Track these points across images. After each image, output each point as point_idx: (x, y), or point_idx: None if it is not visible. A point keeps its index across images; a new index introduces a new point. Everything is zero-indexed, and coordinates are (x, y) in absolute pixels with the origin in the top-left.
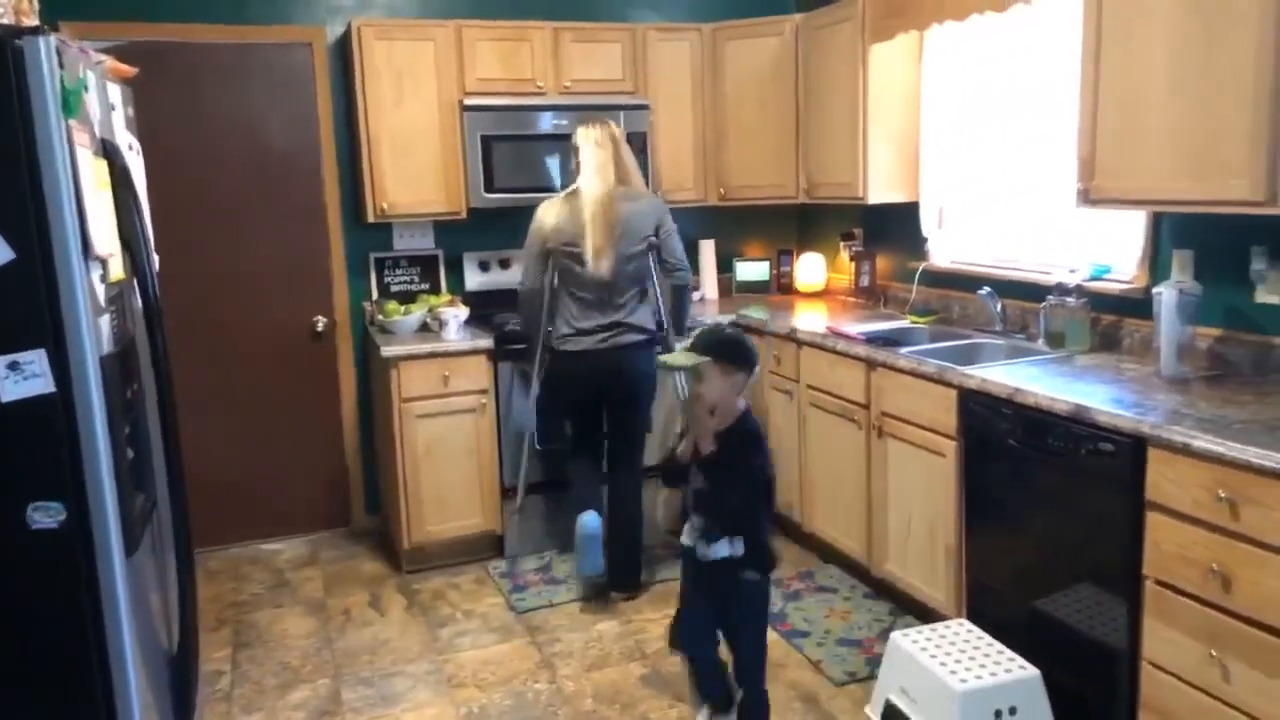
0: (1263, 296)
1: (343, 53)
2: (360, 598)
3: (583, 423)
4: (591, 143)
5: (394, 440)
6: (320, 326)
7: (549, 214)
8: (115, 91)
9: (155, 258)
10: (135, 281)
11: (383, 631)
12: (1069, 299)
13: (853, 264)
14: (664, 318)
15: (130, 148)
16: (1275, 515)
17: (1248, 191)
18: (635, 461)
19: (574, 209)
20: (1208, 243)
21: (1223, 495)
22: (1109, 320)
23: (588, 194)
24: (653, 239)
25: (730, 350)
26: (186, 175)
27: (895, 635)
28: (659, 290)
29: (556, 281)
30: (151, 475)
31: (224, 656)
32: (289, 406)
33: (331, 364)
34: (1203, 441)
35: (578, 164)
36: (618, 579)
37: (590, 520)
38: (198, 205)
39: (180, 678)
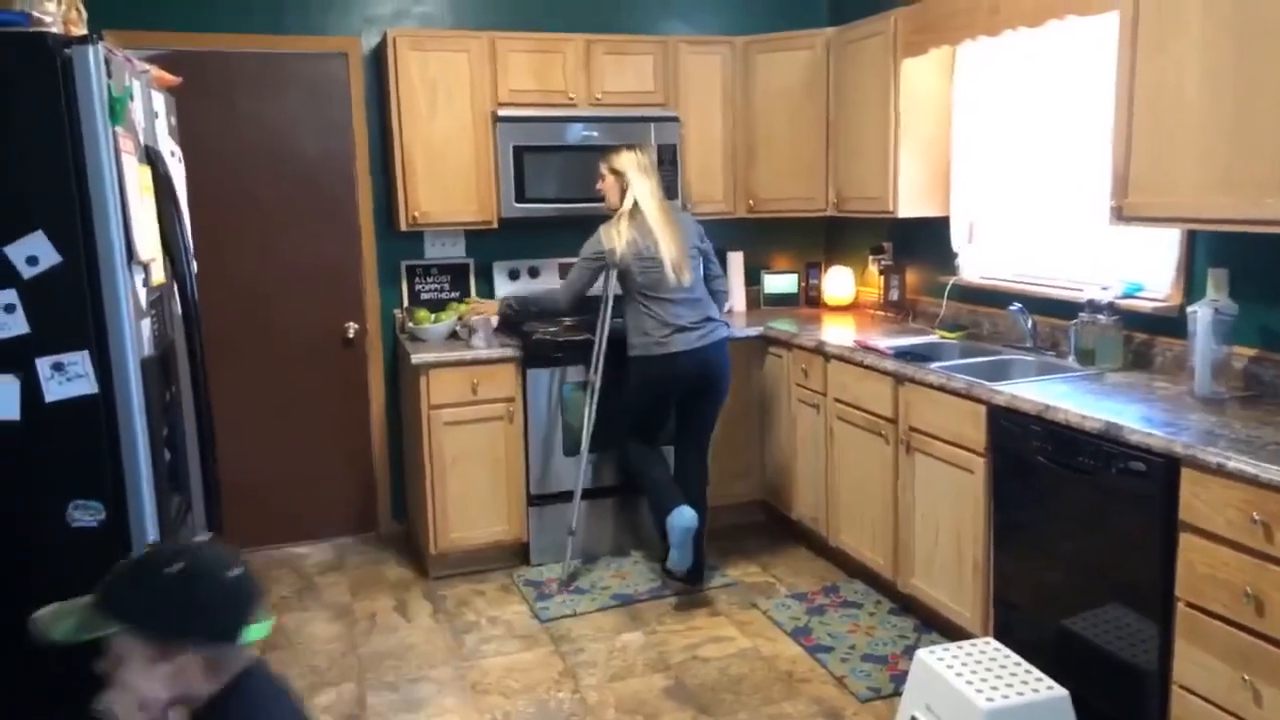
0: None
1: (377, 63)
2: (386, 603)
3: (660, 419)
4: (638, 166)
5: (422, 447)
6: (351, 333)
7: (617, 234)
8: (159, 99)
9: (194, 264)
10: (175, 286)
11: (408, 637)
12: (1101, 316)
13: (882, 278)
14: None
15: (172, 154)
16: None
17: None
18: (708, 455)
19: (641, 226)
20: (1244, 261)
21: (1257, 518)
22: (1141, 338)
23: (650, 211)
24: (700, 246)
25: (165, 610)
26: (223, 182)
27: (921, 653)
28: None
29: (627, 294)
30: (187, 476)
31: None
32: (319, 412)
33: (361, 370)
34: (1237, 463)
35: (625, 187)
36: (688, 573)
37: (690, 514)
38: (233, 211)
39: None
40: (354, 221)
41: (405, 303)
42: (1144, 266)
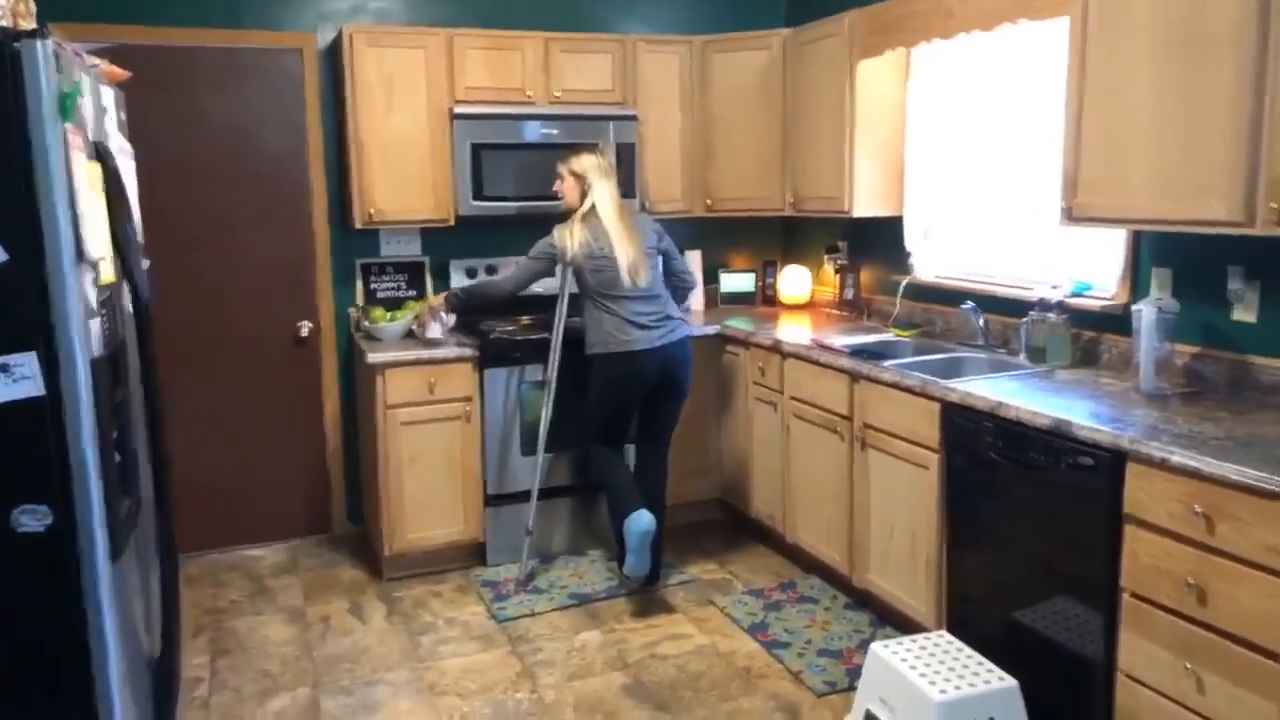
0: (1239, 315)
1: (333, 59)
2: (340, 605)
3: (622, 419)
4: (599, 170)
5: (378, 447)
6: (305, 332)
7: (570, 235)
8: (108, 94)
9: (145, 261)
10: (126, 285)
11: (363, 639)
12: (1050, 314)
13: (837, 276)
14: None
15: (122, 151)
16: (1250, 530)
17: (1225, 212)
18: (667, 454)
19: (596, 228)
20: (1186, 261)
21: (1199, 510)
22: (1089, 336)
23: (607, 214)
24: (659, 246)
25: None
26: (173, 178)
27: (875, 646)
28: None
29: (584, 293)
30: (137, 479)
31: (202, 664)
32: (272, 412)
33: (315, 370)
34: (1180, 457)
35: (586, 189)
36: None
37: (647, 518)
38: (183, 208)
39: (161, 683)
40: (308, 219)
41: (360, 301)
42: (1092, 266)
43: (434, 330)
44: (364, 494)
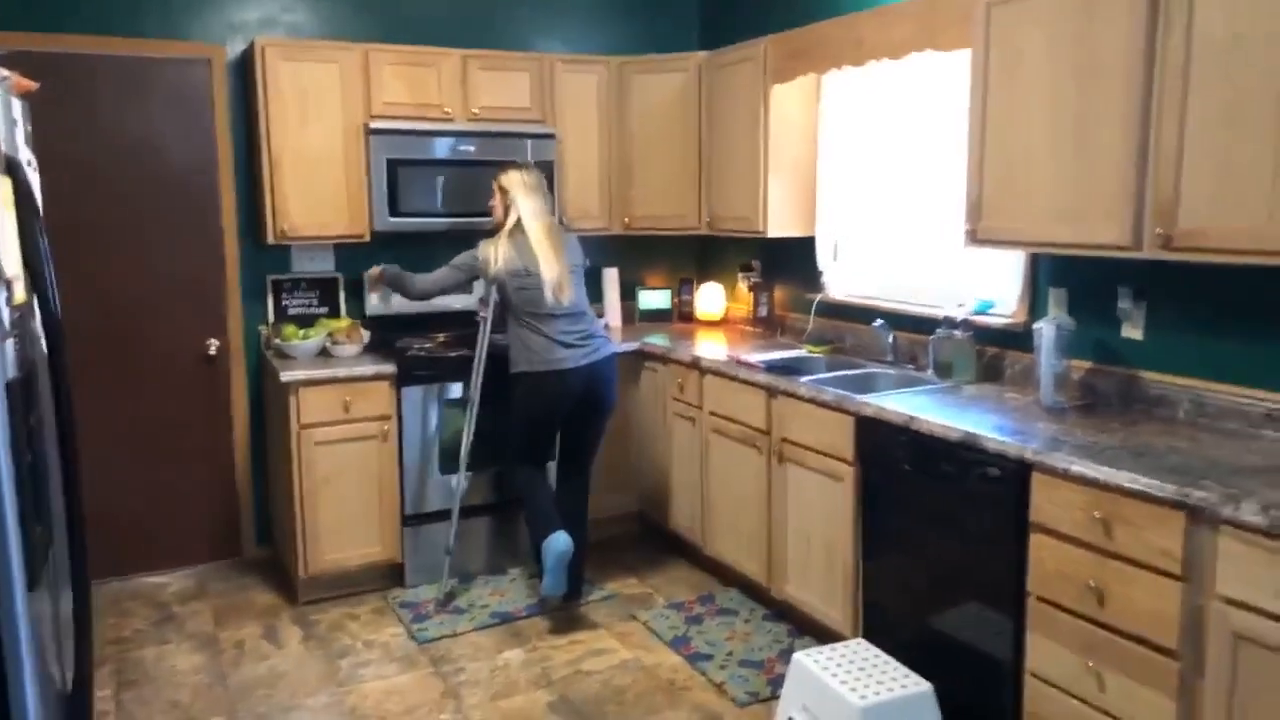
0: (1128, 332)
1: (244, 71)
2: (253, 630)
3: (546, 437)
4: (523, 186)
5: (291, 467)
6: (213, 350)
7: (494, 251)
8: (16, 106)
9: (55, 279)
10: (37, 304)
11: (279, 664)
12: (956, 332)
13: (751, 294)
14: None
15: (29, 164)
16: (1143, 534)
17: (1114, 236)
18: (590, 470)
19: (521, 245)
20: (1081, 282)
21: (1097, 516)
22: (993, 352)
23: (533, 231)
24: (586, 265)
25: None
26: (77, 190)
27: (798, 655)
28: None
29: (509, 311)
30: (49, 506)
31: (107, 696)
32: (177, 432)
33: (224, 389)
34: (1080, 467)
35: (509, 205)
36: (568, 587)
37: (565, 540)
38: (84, 222)
39: (74, 717)
40: (217, 234)
41: (272, 318)
42: (994, 285)
43: (372, 301)
44: (275, 516)
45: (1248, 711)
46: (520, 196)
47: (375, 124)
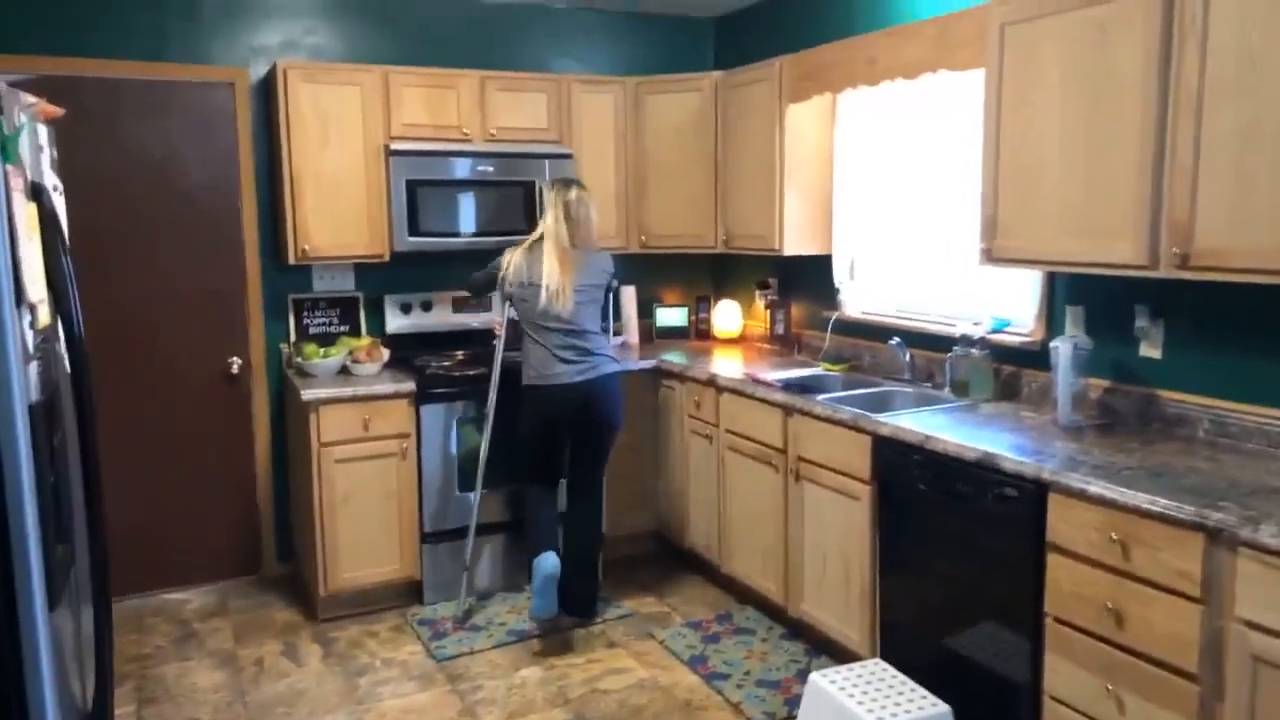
0: (1145, 351)
1: (266, 93)
2: (273, 647)
3: (551, 452)
4: (552, 202)
5: (312, 485)
6: (235, 368)
7: (511, 257)
8: (42, 132)
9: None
10: (61, 327)
11: (299, 682)
12: (973, 350)
13: (768, 312)
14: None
15: (55, 189)
16: (1161, 556)
17: (1130, 255)
18: (600, 488)
19: (534, 255)
20: (1097, 300)
21: (1115, 537)
22: (1009, 370)
23: (549, 244)
24: (609, 285)
25: None
26: (101, 212)
27: (814, 676)
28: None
29: (521, 323)
30: (72, 526)
31: (128, 713)
32: (200, 450)
33: (246, 407)
34: (1097, 488)
35: (541, 218)
36: (579, 607)
37: (553, 562)
38: (112, 243)
39: None
40: (239, 254)
41: (293, 337)
42: (1011, 303)
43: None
44: (296, 533)
45: None
46: (549, 210)
47: (395, 145)
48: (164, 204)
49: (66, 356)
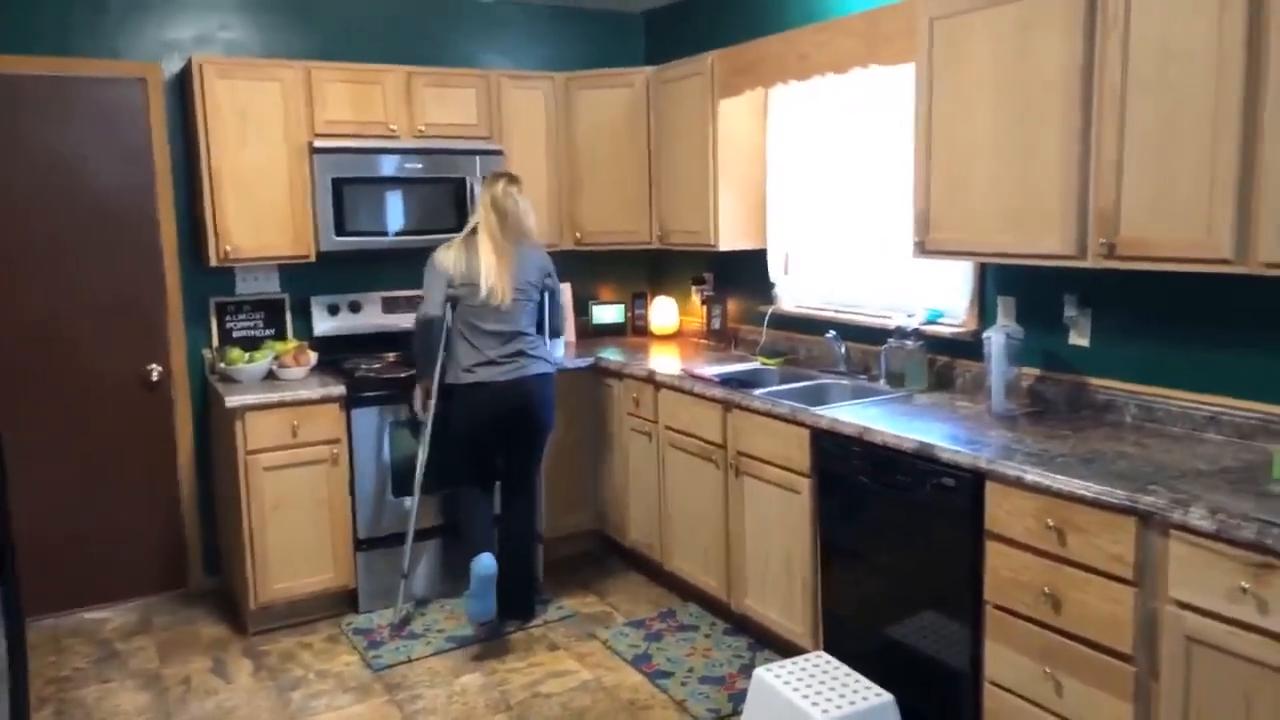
0: (1074, 340)
1: (181, 90)
2: (201, 665)
3: (481, 456)
4: (486, 194)
5: (239, 494)
6: (155, 376)
7: (447, 252)
8: None
9: None
10: None
11: (228, 700)
12: (907, 342)
13: (704, 307)
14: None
15: None
16: (1096, 541)
17: (1059, 246)
18: (534, 488)
19: (470, 249)
20: (1028, 290)
21: (1051, 524)
22: (943, 361)
23: (483, 238)
24: (542, 284)
25: None
26: (4, 213)
27: (759, 671)
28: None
29: (453, 319)
30: None
31: None
32: (118, 462)
33: (167, 415)
34: (1033, 475)
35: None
36: (516, 609)
37: (488, 563)
38: (17, 246)
39: None
40: (156, 257)
41: (215, 342)
42: (944, 295)
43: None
44: (223, 544)
45: (1202, 713)
46: (482, 203)
47: (319, 143)
48: (73, 207)
49: None
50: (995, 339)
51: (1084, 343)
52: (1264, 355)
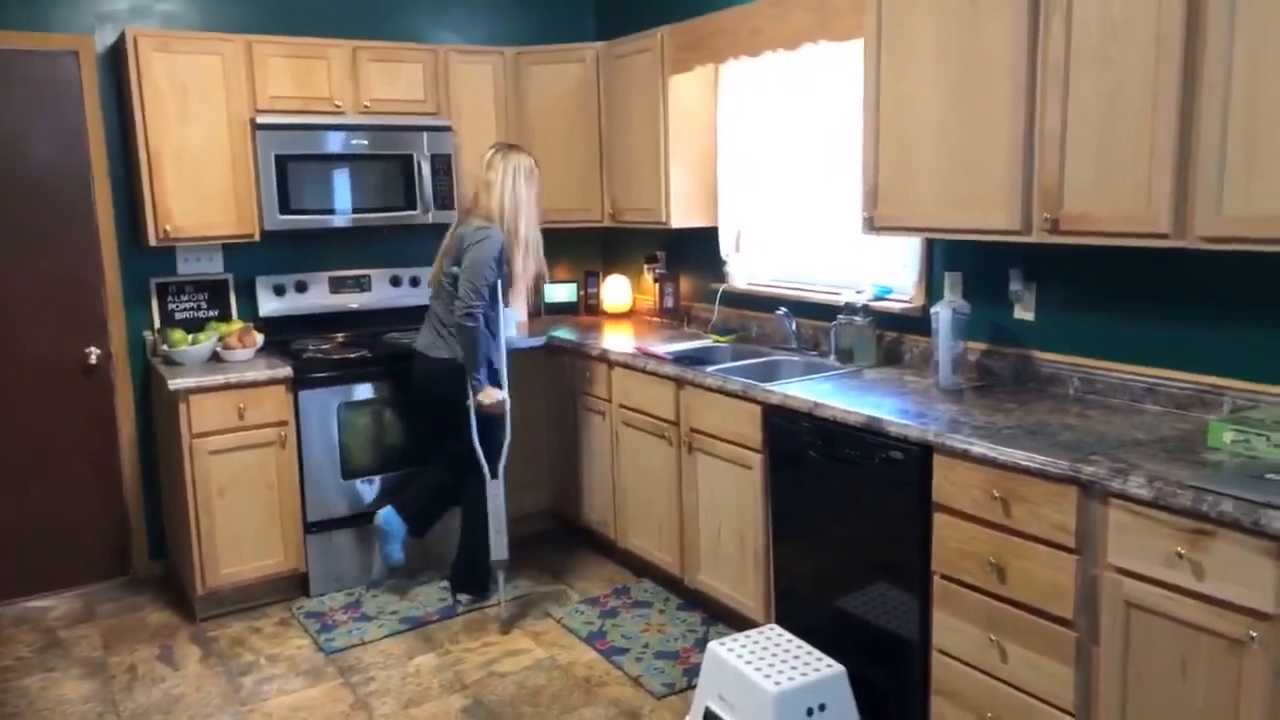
0: (1019, 314)
1: (116, 63)
2: (148, 652)
3: (425, 421)
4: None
5: (184, 479)
6: (94, 359)
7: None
8: None
9: None
10: None
11: (176, 687)
12: (856, 318)
13: (657, 285)
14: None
15: None
16: (1039, 510)
17: (1005, 221)
18: (450, 459)
19: None
20: (974, 266)
21: (997, 495)
22: (892, 337)
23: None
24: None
25: None
26: None
27: (712, 645)
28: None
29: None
30: None
31: None
32: (58, 447)
33: (107, 399)
34: (979, 447)
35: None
36: (462, 585)
37: (383, 517)
38: None
39: None
40: (92, 236)
41: (157, 324)
42: (892, 271)
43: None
44: (169, 530)
45: (1141, 675)
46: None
47: (262, 119)
48: (5, 185)
49: None
50: (942, 314)
51: (1029, 317)
52: (1199, 328)
